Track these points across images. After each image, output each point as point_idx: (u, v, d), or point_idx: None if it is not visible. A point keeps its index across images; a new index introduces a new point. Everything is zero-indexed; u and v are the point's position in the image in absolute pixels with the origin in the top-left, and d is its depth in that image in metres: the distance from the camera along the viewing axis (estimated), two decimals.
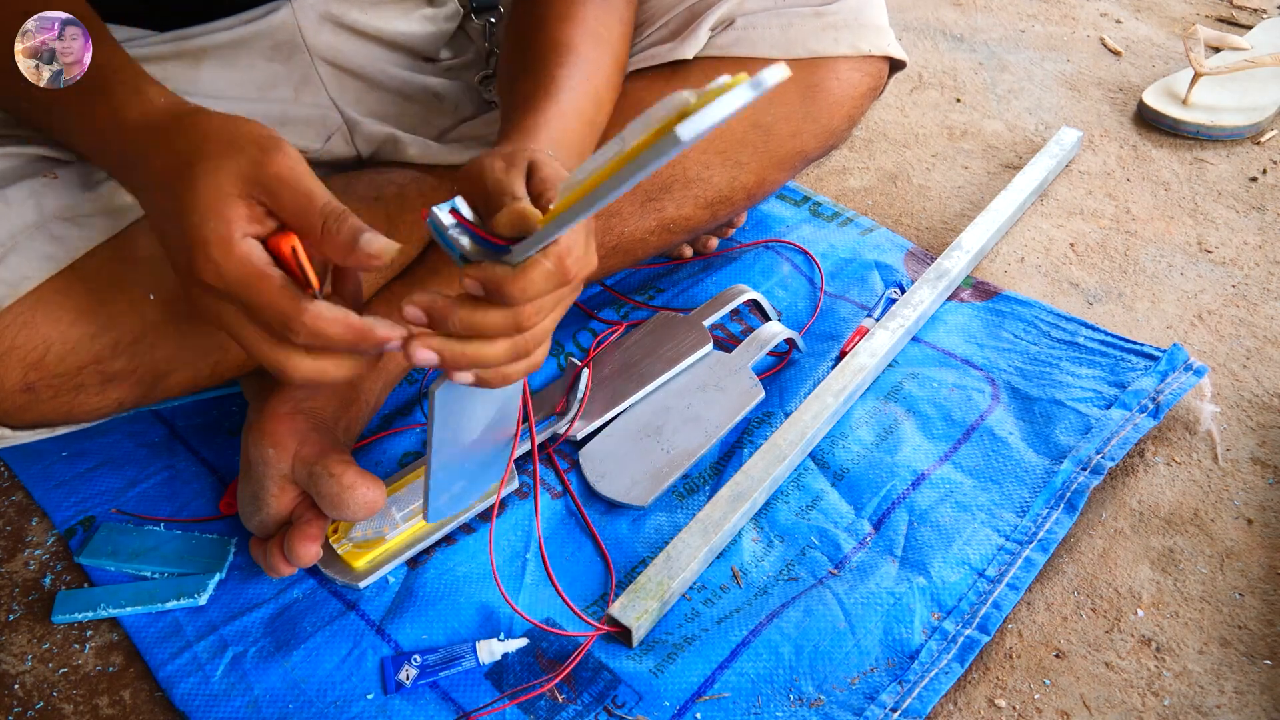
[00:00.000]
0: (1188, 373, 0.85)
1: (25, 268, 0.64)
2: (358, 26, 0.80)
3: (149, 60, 0.75)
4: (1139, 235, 1.05)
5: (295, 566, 0.69)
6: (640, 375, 0.85)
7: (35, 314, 0.65)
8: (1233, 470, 0.81)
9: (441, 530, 0.74)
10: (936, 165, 1.16)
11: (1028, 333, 0.91)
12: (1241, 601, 0.72)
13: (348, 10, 0.79)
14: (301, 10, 0.77)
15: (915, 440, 0.81)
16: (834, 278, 0.98)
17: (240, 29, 0.76)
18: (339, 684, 0.67)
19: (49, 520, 0.78)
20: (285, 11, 0.77)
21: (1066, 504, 0.76)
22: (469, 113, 0.88)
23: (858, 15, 0.86)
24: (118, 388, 0.69)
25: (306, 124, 0.80)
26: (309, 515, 0.68)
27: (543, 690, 0.66)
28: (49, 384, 0.66)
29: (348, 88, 0.82)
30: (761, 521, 0.76)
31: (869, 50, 0.86)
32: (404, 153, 0.83)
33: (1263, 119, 1.19)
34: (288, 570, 0.69)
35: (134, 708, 0.67)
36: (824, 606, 0.70)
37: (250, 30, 0.76)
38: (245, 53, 0.78)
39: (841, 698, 0.65)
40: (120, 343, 0.68)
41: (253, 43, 0.77)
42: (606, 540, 0.75)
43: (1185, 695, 0.67)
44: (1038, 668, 0.68)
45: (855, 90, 0.88)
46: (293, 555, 0.67)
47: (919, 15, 1.46)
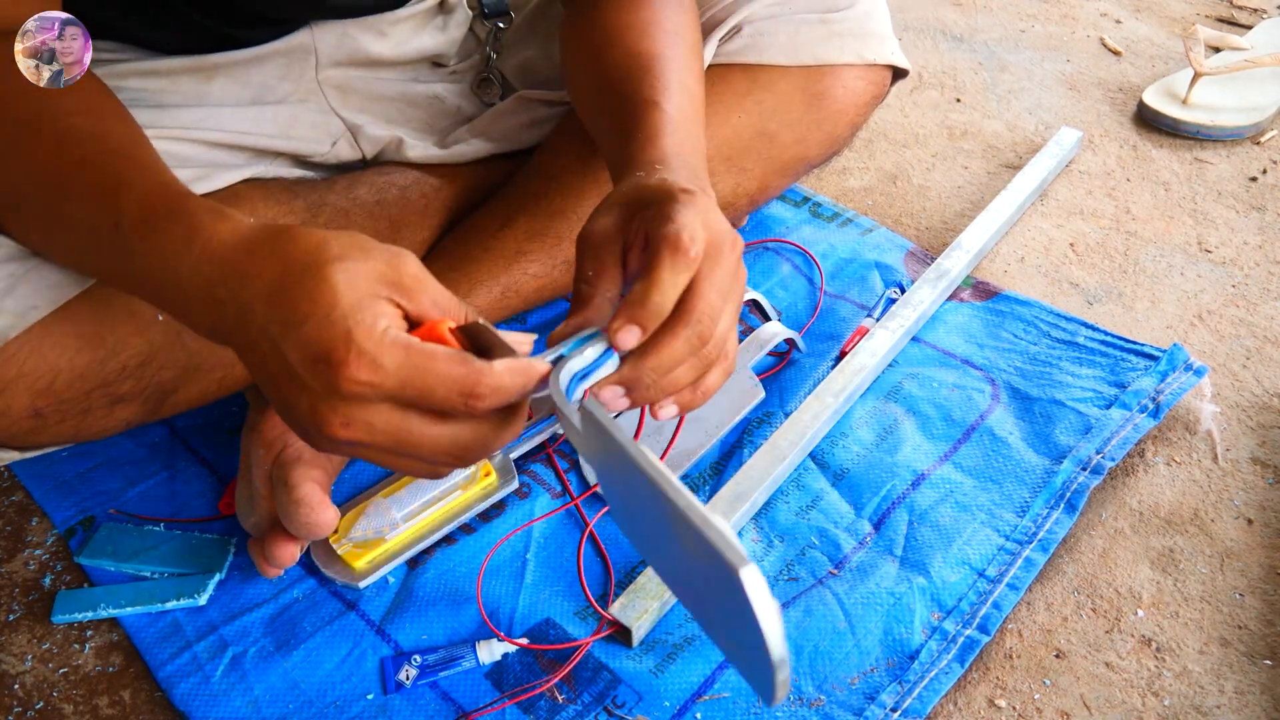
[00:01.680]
0: (1188, 373, 0.85)
1: (33, 297, 0.64)
2: (371, 56, 0.80)
3: (161, 74, 0.75)
4: (1139, 235, 1.05)
5: (277, 568, 0.69)
6: None
7: (43, 342, 0.64)
8: (1233, 470, 0.81)
9: (441, 530, 0.74)
10: (936, 165, 1.16)
11: (1028, 333, 0.91)
12: (1241, 601, 0.72)
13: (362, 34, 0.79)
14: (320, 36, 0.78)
15: (915, 440, 0.81)
16: (834, 278, 0.98)
17: (256, 49, 0.77)
18: (339, 684, 0.67)
19: (49, 520, 0.78)
20: (304, 35, 0.77)
21: (1066, 504, 0.76)
22: (471, 113, 0.88)
23: (863, 24, 0.86)
24: (125, 408, 0.69)
25: (312, 128, 0.81)
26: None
27: (542, 690, 0.66)
28: (56, 409, 0.66)
29: (351, 100, 0.82)
30: (761, 521, 0.76)
31: (874, 59, 0.87)
32: (406, 154, 0.83)
33: (1263, 119, 1.19)
34: (273, 572, 0.69)
35: (134, 708, 0.67)
36: (824, 606, 0.70)
37: (268, 48, 0.77)
38: (258, 70, 0.78)
39: (841, 698, 0.65)
40: (128, 366, 0.68)
41: (268, 59, 0.78)
42: (606, 540, 0.75)
43: (1185, 695, 0.67)
44: (1038, 668, 0.68)
45: (859, 98, 0.88)
46: (271, 558, 0.67)
47: (919, 15, 1.46)
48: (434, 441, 0.48)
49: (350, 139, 0.82)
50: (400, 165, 0.84)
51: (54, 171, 0.56)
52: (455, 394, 0.46)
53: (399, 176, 0.83)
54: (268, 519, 0.69)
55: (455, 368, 0.46)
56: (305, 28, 0.78)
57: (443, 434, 0.48)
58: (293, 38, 0.77)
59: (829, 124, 0.87)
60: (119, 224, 0.53)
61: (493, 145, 0.86)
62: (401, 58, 0.82)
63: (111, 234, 0.53)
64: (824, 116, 0.87)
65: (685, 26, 0.73)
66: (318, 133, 0.81)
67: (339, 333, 0.45)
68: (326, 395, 0.46)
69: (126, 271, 0.54)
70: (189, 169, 0.73)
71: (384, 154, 0.84)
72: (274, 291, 0.47)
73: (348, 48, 0.80)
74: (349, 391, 0.45)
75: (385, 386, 0.45)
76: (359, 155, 0.84)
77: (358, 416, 0.46)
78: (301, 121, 0.80)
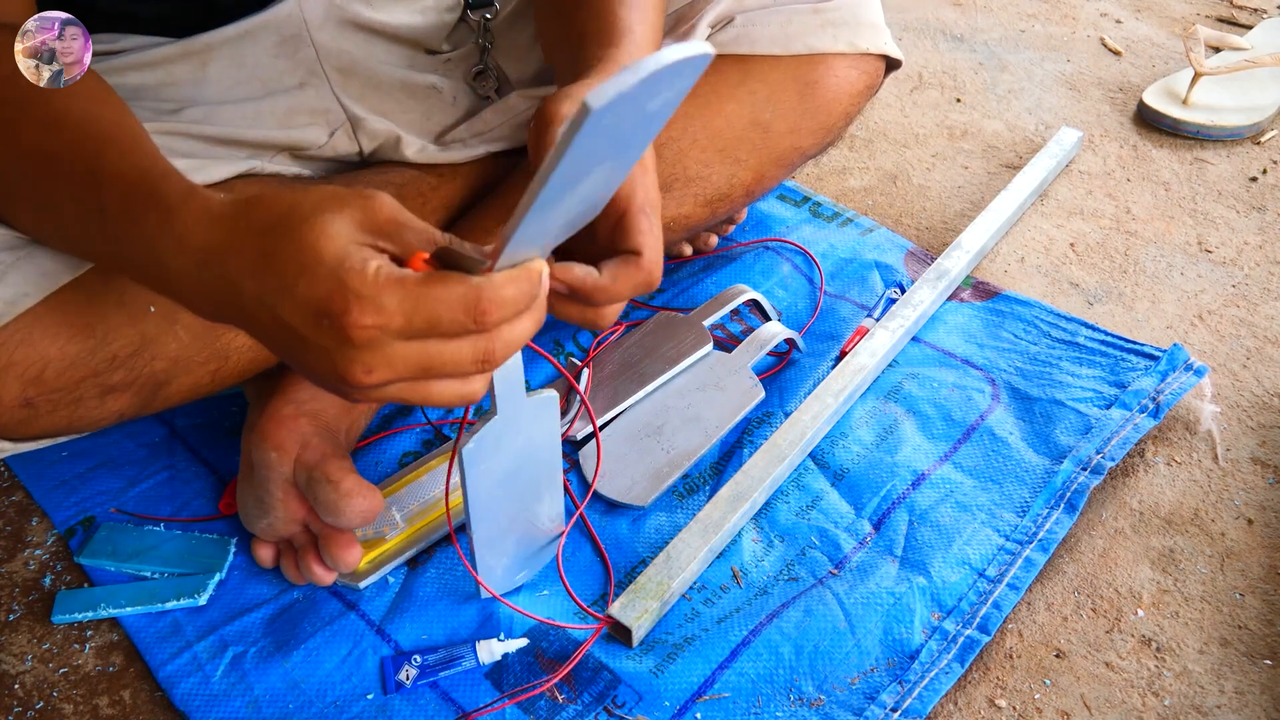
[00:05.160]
0: (1188, 373, 0.85)
1: (24, 285, 0.64)
2: (361, 20, 0.80)
3: (158, 65, 0.75)
4: (1139, 235, 1.05)
5: (336, 573, 0.69)
6: (640, 375, 0.85)
7: (33, 330, 0.64)
8: (1233, 470, 0.81)
9: (441, 530, 0.74)
10: (936, 165, 1.16)
11: (1028, 333, 0.91)
12: (1241, 601, 0.72)
13: (351, 3, 0.79)
14: (308, 5, 0.77)
15: (915, 440, 0.81)
16: (834, 278, 0.98)
17: (245, 22, 0.76)
18: (339, 684, 0.67)
19: (49, 520, 0.78)
20: (291, 5, 0.77)
21: (1067, 504, 0.76)
22: (468, 106, 0.88)
23: (855, 13, 0.86)
24: (117, 399, 0.69)
25: (311, 119, 0.80)
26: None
27: (542, 690, 0.66)
28: (48, 398, 0.66)
29: (351, 83, 0.82)
30: (761, 521, 0.76)
31: (866, 48, 0.87)
32: (404, 153, 0.83)
33: (1263, 119, 1.19)
34: (329, 578, 0.70)
35: (134, 708, 0.67)
36: (824, 606, 0.70)
37: (257, 21, 0.76)
38: (251, 49, 0.77)
39: (841, 698, 0.65)
40: (119, 356, 0.67)
41: (259, 35, 0.77)
42: (606, 540, 0.75)
43: (1185, 695, 0.67)
44: (1038, 668, 0.68)
45: (852, 88, 0.88)
46: (336, 562, 0.68)
47: (919, 15, 1.46)
48: (456, 354, 0.48)
49: (349, 130, 0.82)
50: (397, 164, 0.84)
51: (43, 154, 0.57)
52: (461, 314, 0.46)
53: (395, 175, 0.83)
54: (285, 523, 0.69)
55: (455, 289, 0.46)
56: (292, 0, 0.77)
57: (463, 345, 0.48)
58: (280, 8, 0.77)
59: (822, 114, 0.88)
60: (104, 209, 0.53)
61: (490, 145, 0.86)
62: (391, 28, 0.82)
63: (99, 219, 0.53)
64: (817, 106, 0.87)
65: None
66: (316, 121, 0.81)
67: (333, 285, 0.45)
68: (340, 348, 0.46)
69: (117, 256, 0.55)
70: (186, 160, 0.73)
71: (381, 151, 0.84)
72: (258, 263, 0.47)
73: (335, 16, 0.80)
74: (360, 339, 0.45)
75: (393, 325, 0.45)
76: (356, 149, 0.83)
77: (377, 360, 0.46)
78: (301, 111, 0.80)
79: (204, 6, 0.75)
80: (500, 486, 0.64)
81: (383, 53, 0.83)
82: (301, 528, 0.70)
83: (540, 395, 0.62)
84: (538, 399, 0.62)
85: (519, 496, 0.66)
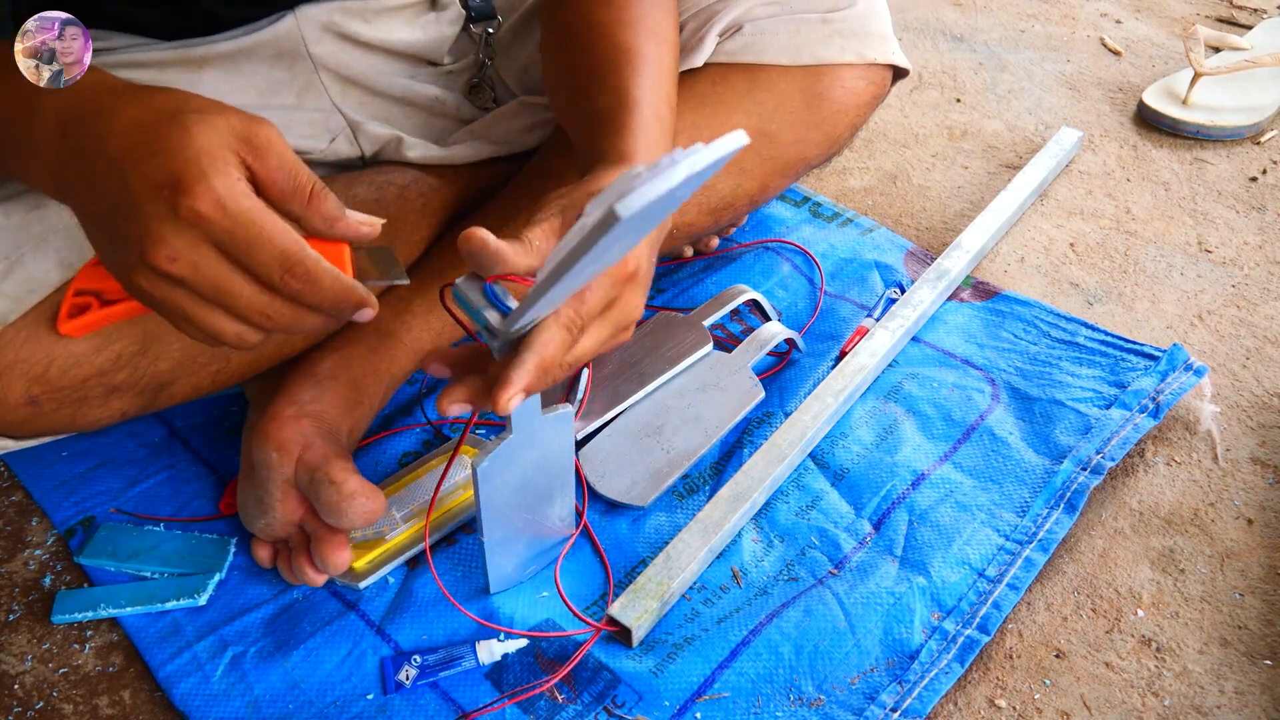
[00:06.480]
0: (1188, 373, 0.85)
1: (30, 282, 0.64)
2: (360, 38, 0.80)
3: (150, 65, 0.75)
4: (1139, 235, 1.05)
5: (328, 575, 0.69)
6: (640, 375, 0.85)
7: (38, 328, 0.65)
8: (1233, 470, 0.81)
9: (441, 530, 0.74)
10: (936, 165, 1.16)
11: (1028, 333, 0.91)
12: (1241, 601, 0.72)
13: (349, 21, 0.79)
14: (305, 21, 0.77)
15: (915, 440, 0.81)
16: (834, 278, 0.98)
17: (243, 39, 0.76)
18: (339, 684, 0.67)
19: (49, 520, 0.78)
20: (288, 21, 0.77)
21: (1066, 504, 0.76)
22: (469, 115, 0.88)
23: (864, 23, 0.86)
24: (121, 398, 0.69)
25: (310, 125, 0.80)
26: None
27: (542, 690, 0.66)
28: (52, 397, 0.66)
29: (350, 94, 0.82)
30: (761, 521, 0.76)
31: (874, 58, 0.87)
32: (406, 154, 0.83)
33: (1263, 119, 1.19)
34: (320, 579, 0.70)
35: (134, 708, 0.67)
36: (824, 606, 0.70)
37: (253, 40, 0.76)
38: (248, 61, 0.78)
39: (841, 698, 0.65)
40: (123, 355, 0.68)
41: (255, 51, 0.77)
42: (606, 540, 0.75)
43: (1185, 695, 0.67)
44: (1038, 668, 0.68)
45: (859, 98, 0.88)
46: (326, 564, 0.68)
47: (919, 15, 1.46)
48: (249, 299, 0.50)
49: (349, 135, 0.82)
50: (399, 165, 0.84)
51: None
52: (276, 261, 0.49)
53: (398, 175, 0.83)
54: (283, 524, 0.69)
55: (286, 238, 0.49)
56: (290, 14, 0.77)
57: (259, 296, 0.51)
58: (278, 26, 0.77)
59: (829, 124, 0.87)
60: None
61: (493, 148, 0.86)
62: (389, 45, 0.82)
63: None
64: (824, 117, 0.87)
65: (666, 27, 0.73)
66: (316, 129, 0.81)
67: (193, 168, 0.48)
68: (159, 222, 0.48)
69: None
70: None
71: (383, 153, 0.84)
72: (132, 127, 0.50)
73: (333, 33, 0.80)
74: (184, 218, 0.47)
75: (219, 225, 0.48)
76: (358, 153, 0.83)
77: (185, 253, 0.48)
78: (300, 120, 0.80)
79: (203, 15, 0.75)
80: (514, 494, 0.65)
81: (382, 65, 0.83)
82: (297, 528, 0.70)
83: (556, 412, 0.62)
84: (554, 416, 0.62)
85: (531, 502, 0.67)
